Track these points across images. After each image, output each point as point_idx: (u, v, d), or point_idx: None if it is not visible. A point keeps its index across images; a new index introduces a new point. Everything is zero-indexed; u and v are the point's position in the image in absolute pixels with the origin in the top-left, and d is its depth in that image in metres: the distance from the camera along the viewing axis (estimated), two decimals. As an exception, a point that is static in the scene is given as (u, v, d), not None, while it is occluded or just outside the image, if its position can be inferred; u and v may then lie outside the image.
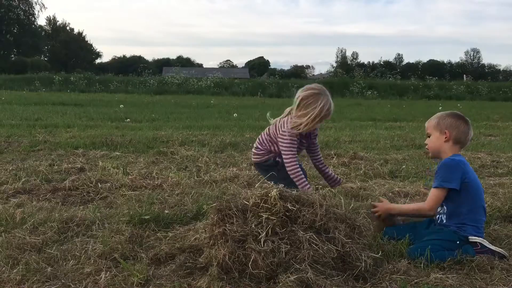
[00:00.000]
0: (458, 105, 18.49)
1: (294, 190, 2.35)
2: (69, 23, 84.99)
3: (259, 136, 3.44)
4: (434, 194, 2.64)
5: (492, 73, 70.48)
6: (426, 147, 2.85)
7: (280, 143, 3.19)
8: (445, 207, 2.66)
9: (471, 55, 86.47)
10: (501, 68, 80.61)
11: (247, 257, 2.09)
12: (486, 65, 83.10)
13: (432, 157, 2.90)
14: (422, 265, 2.33)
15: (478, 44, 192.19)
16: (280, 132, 3.21)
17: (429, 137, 2.83)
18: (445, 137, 2.72)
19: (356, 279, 2.14)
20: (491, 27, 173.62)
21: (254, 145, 3.44)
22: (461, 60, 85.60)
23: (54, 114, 10.57)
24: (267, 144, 3.31)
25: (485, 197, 3.60)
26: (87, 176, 4.11)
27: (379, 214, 2.80)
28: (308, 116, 3.09)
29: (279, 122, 3.27)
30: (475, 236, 2.54)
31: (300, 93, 3.20)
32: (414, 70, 60.58)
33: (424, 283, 2.15)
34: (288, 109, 3.32)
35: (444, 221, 2.65)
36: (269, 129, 3.37)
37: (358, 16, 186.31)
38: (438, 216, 2.70)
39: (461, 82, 32.96)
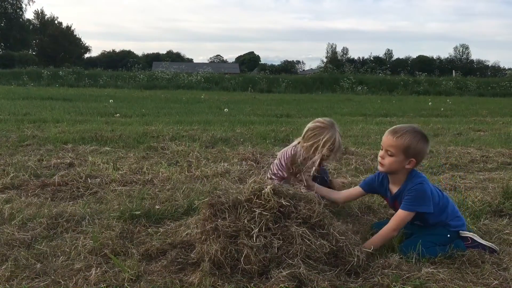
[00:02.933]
0: (448, 100, 18.62)
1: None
2: (57, 17, 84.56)
3: (272, 166, 3.35)
4: (402, 216, 2.47)
5: (480, 68, 71.00)
6: (382, 161, 2.57)
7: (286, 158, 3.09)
8: (422, 224, 2.61)
9: (460, 51, 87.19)
10: (490, 64, 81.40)
11: (239, 252, 2.08)
12: (475, 61, 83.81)
13: (385, 172, 2.65)
14: (413, 260, 2.34)
15: (467, 40, 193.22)
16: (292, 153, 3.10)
17: (388, 154, 2.52)
18: (409, 165, 2.51)
19: (348, 274, 2.14)
20: (480, 23, 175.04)
21: (268, 175, 3.29)
22: (450, 56, 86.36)
23: (43, 108, 10.46)
24: (279, 173, 3.22)
25: (475, 191, 3.67)
26: (77, 171, 4.07)
27: None
28: (313, 149, 3.00)
29: (292, 149, 3.19)
30: (460, 226, 2.57)
31: (309, 124, 3.12)
32: (404, 65, 60.85)
33: (416, 278, 2.16)
34: (297, 139, 3.24)
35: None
36: (280, 159, 3.26)
37: (348, 12, 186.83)
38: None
39: (450, 77, 33.14)
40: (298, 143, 3.18)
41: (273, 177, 3.23)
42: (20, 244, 2.47)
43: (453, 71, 40.21)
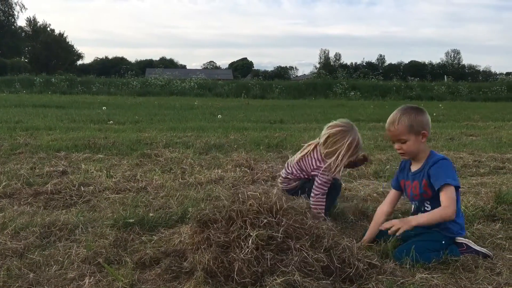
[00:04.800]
0: (440, 105, 18.73)
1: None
2: (49, 24, 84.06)
3: (286, 167, 3.33)
4: (450, 195, 2.44)
5: (472, 73, 71.47)
6: (401, 151, 2.62)
7: (319, 178, 3.09)
8: (430, 207, 2.62)
9: (452, 56, 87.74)
10: (481, 68, 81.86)
11: (231, 264, 2.07)
12: (466, 66, 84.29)
13: (409, 158, 2.71)
14: (407, 266, 2.35)
15: (458, 45, 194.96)
16: (320, 169, 3.10)
17: (402, 142, 2.58)
18: (424, 138, 2.58)
19: (343, 281, 2.14)
20: (471, 28, 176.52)
21: (283, 175, 3.33)
22: (442, 61, 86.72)
23: (35, 116, 10.41)
24: (297, 173, 3.23)
25: (467, 196, 3.69)
26: (70, 179, 4.05)
27: (400, 230, 2.42)
28: (336, 155, 3.01)
29: (311, 155, 3.15)
30: (460, 234, 2.56)
31: (327, 130, 3.11)
32: (396, 71, 61.18)
33: (410, 284, 2.16)
34: (312, 143, 3.22)
35: None
36: (298, 162, 3.24)
37: (341, 18, 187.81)
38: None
39: (442, 82, 33.41)
40: (315, 146, 3.18)
41: (285, 179, 3.29)
42: (13, 254, 2.45)
43: (445, 76, 40.48)
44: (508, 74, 47.35)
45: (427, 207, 2.63)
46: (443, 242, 2.49)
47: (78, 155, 5.39)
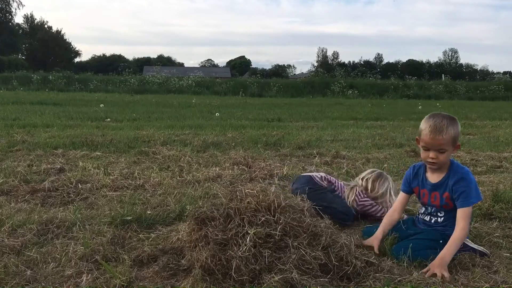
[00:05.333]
0: (437, 104, 18.77)
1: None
2: (47, 21, 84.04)
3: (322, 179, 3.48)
4: (466, 214, 2.46)
5: (469, 72, 71.63)
6: (435, 160, 2.52)
7: (371, 209, 3.30)
8: (443, 212, 2.61)
9: (449, 55, 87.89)
10: (478, 68, 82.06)
11: (229, 261, 2.07)
12: (463, 65, 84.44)
13: (436, 168, 2.60)
14: (405, 264, 2.35)
15: (456, 44, 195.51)
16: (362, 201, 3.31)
17: (441, 152, 2.49)
18: (455, 150, 2.58)
19: (340, 278, 2.15)
20: (469, 28, 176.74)
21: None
22: (440, 60, 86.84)
23: (33, 113, 10.39)
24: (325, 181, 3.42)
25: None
26: (67, 176, 4.04)
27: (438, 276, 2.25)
28: (388, 194, 3.35)
29: (359, 196, 3.31)
30: None
31: (367, 176, 3.43)
32: (394, 69, 61.19)
33: (407, 282, 2.16)
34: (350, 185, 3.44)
35: (440, 222, 2.63)
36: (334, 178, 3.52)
37: (339, 16, 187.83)
38: (430, 218, 2.67)
39: (439, 81, 33.49)
40: (353, 187, 3.40)
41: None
42: (10, 251, 2.45)
43: (443, 75, 40.56)
44: (505, 73, 47.53)
45: (441, 213, 2.63)
46: (441, 241, 2.49)
47: (76, 153, 5.38)
